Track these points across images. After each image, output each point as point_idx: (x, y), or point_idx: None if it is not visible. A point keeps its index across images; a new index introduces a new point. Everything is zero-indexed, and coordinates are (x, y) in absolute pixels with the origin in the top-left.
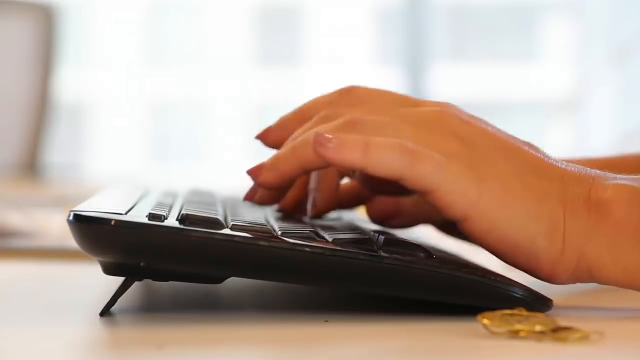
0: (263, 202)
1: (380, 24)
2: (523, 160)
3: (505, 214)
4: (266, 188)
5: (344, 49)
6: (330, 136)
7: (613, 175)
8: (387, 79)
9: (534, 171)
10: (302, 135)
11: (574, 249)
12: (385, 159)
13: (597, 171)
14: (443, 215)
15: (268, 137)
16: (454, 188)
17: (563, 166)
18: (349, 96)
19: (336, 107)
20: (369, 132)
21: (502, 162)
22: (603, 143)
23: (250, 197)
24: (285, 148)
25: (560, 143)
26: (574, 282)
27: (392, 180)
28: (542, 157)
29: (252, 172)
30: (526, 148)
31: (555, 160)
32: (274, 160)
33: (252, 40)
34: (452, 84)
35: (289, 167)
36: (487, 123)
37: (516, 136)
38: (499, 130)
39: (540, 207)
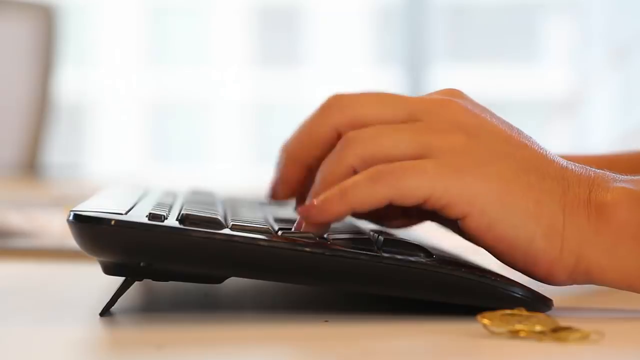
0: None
1: (380, 24)
2: (525, 157)
3: (505, 212)
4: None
5: (344, 49)
6: (312, 203)
7: (613, 176)
8: (387, 79)
9: (536, 169)
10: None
11: (572, 250)
12: (362, 193)
13: (597, 171)
14: (444, 215)
15: (277, 195)
16: (446, 189)
17: (564, 165)
18: (336, 111)
19: (328, 135)
20: (369, 145)
21: (504, 158)
22: (603, 143)
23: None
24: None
25: (560, 143)
26: (572, 283)
27: (386, 205)
28: (544, 153)
29: (302, 212)
30: (529, 143)
31: (556, 157)
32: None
33: (252, 40)
34: (452, 84)
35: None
36: (492, 114)
37: (519, 128)
38: (503, 121)
39: (540, 206)
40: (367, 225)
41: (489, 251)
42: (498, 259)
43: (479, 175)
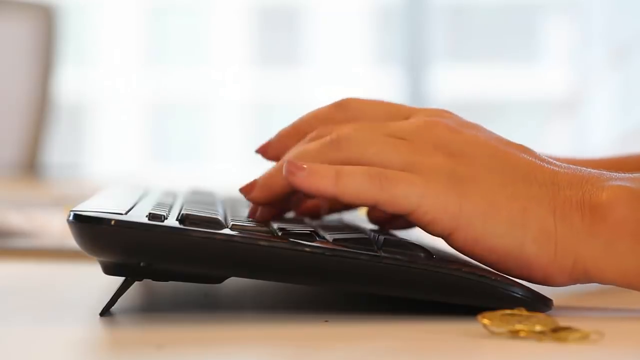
0: (263, 219)
1: (380, 24)
2: (513, 167)
3: (489, 224)
4: (257, 204)
5: (343, 49)
6: (302, 165)
7: (609, 175)
8: (387, 79)
9: (523, 177)
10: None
11: (568, 252)
12: (355, 186)
13: (592, 171)
14: (429, 232)
15: (267, 152)
16: (432, 205)
17: (555, 169)
18: (344, 110)
19: (331, 122)
20: (354, 150)
21: (489, 172)
22: (602, 143)
23: (252, 214)
24: (274, 167)
25: (559, 143)
26: (573, 283)
27: (369, 206)
28: (534, 160)
29: (243, 190)
30: (517, 153)
31: (548, 162)
32: (264, 179)
33: (252, 40)
34: (452, 84)
35: (279, 186)
36: (479, 129)
37: (509, 139)
38: (491, 135)
39: (527, 213)
40: (367, 225)
41: (482, 263)
42: (493, 269)
43: (462, 192)
